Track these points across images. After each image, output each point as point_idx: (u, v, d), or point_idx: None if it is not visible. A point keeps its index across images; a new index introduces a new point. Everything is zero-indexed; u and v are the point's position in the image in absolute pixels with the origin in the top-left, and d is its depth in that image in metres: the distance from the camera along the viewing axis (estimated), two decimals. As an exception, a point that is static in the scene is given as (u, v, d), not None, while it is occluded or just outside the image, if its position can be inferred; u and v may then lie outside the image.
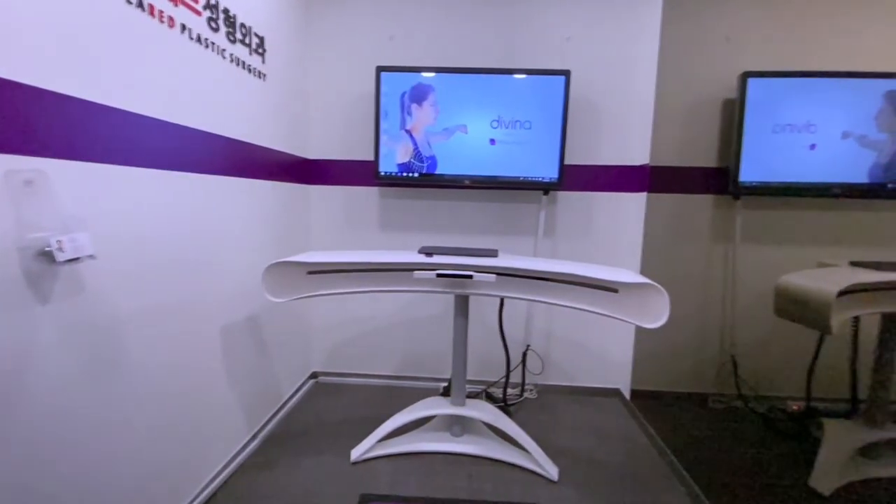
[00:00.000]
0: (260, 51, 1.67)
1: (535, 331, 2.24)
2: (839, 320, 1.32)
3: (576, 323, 2.21)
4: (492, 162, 2.05)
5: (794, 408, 2.05)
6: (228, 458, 1.53)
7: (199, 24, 1.31)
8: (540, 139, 2.02)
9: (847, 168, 1.96)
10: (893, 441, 1.65)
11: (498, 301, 2.05)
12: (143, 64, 1.10)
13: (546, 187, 2.07)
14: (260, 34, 1.66)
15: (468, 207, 2.19)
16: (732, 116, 2.01)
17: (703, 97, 2.07)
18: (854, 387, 1.87)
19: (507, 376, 2.07)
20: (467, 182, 2.06)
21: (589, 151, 2.12)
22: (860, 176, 1.97)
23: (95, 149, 0.97)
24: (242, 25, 1.54)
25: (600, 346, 2.23)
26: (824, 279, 1.36)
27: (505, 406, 2.04)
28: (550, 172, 2.04)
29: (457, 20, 2.09)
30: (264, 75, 1.70)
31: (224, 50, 1.44)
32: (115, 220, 1.03)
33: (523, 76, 1.99)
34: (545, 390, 2.25)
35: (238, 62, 1.52)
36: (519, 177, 2.05)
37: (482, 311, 2.19)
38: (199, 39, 1.31)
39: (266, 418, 1.82)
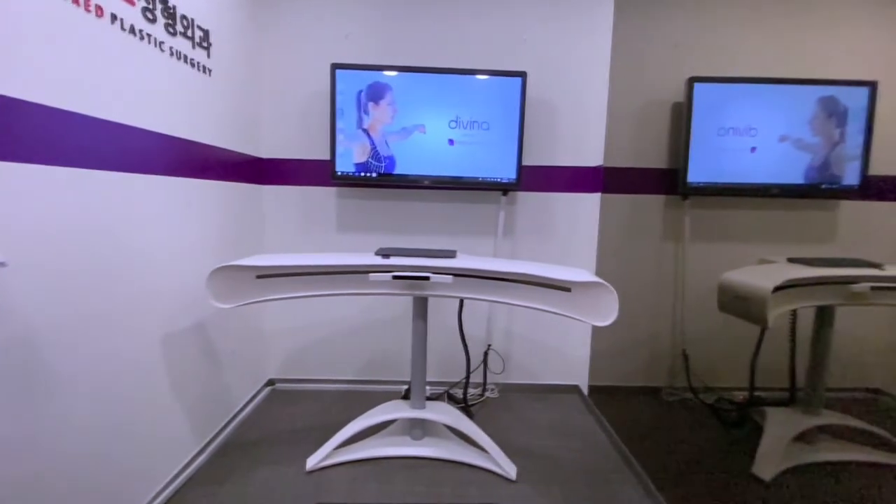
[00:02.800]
0: (204, 45, 1.59)
1: (496, 330, 2.26)
2: (775, 314, 1.39)
3: (536, 322, 2.24)
4: (451, 162, 2.04)
5: (740, 398, 2.15)
6: (174, 473, 1.45)
7: (132, 15, 1.23)
8: (498, 140, 2.03)
9: (785, 169, 2.08)
10: (827, 427, 1.76)
11: (458, 302, 2.05)
12: (65, 55, 1.02)
13: (505, 188, 2.08)
14: (204, 27, 1.58)
15: (428, 208, 2.18)
16: (681, 119, 2.09)
17: (653, 101, 2.14)
18: (793, 376, 1.97)
19: (468, 377, 2.07)
20: (426, 182, 2.05)
21: (545, 152, 2.15)
22: (797, 177, 2.09)
23: (4, 145, 0.89)
24: (184, 17, 1.46)
25: (559, 344, 2.27)
26: (762, 275, 1.43)
27: (466, 407, 2.04)
28: (509, 173, 2.05)
29: (413, 19, 2.07)
30: (210, 70, 1.63)
31: (162, 43, 1.36)
32: (30, 224, 0.95)
33: (481, 77, 2.00)
34: (506, 389, 2.27)
35: (179, 56, 1.44)
36: (478, 177, 2.05)
37: (443, 311, 2.18)
38: (132, 31, 1.23)
39: (217, 429, 1.74)
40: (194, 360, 1.59)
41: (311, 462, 1.58)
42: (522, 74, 1.99)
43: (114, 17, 1.17)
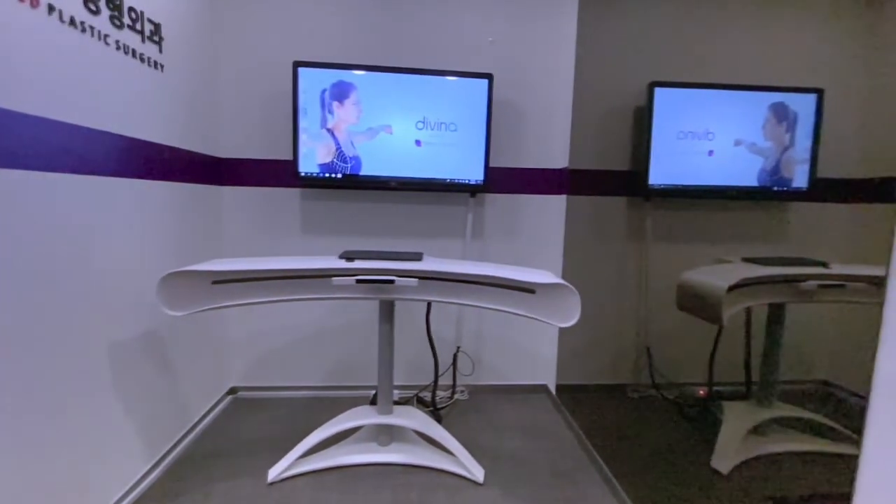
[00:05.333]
0: (155, 39, 1.51)
1: (465, 332, 2.25)
2: (730, 313, 1.44)
3: (504, 322, 2.25)
4: (418, 163, 2.02)
5: (701, 393, 2.22)
6: (122, 491, 1.37)
7: (72, 6, 1.16)
8: (465, 141, 2.03)
9: (739, 172, 2.16)
10: (780, 419, 1.84)
11: (426, 304, 2.03)
12: (-8, 46, 0.95)
13: (472, 189, 2.08)
14: (155, 21, 1.50)
15: (395, 210, 2.15)
16: (643, 123, 2.14)
17: (616, 104, 2.19)
18: (748, 371, 2.05)
19: (436, 380, 2.05)
20: (394, 184, 2.02)
21: (512, 154, 2.16)
22: (750, 180, 2.17)
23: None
24: (132, 10, 1.38)
25: (528, 344, 2.29)
26: (717, 275, 1.48)
27: (435, 410, 2.03)
28: (476, 174, 2.05)
29: (379, 18, 2.04)
30: (162, 66, 1.55)
31: (107, 36, 1.28)
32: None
33: (447, 78, 1.99)
34: (476, 391, 2.26)
35: (127, 50, 1.37)
36: (446, 179, 2.04)
37: (413, 314, 2.16)
38: (72, 23, 1.16)
39: (172, 443, 1.66)
40: (146, 369, 1.51)
41: (273, 473, 1.53)
42: (489, 76, 1.99)
43: (51, 8, 1.09)
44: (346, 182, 2.00)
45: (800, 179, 2.19)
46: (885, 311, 0.69)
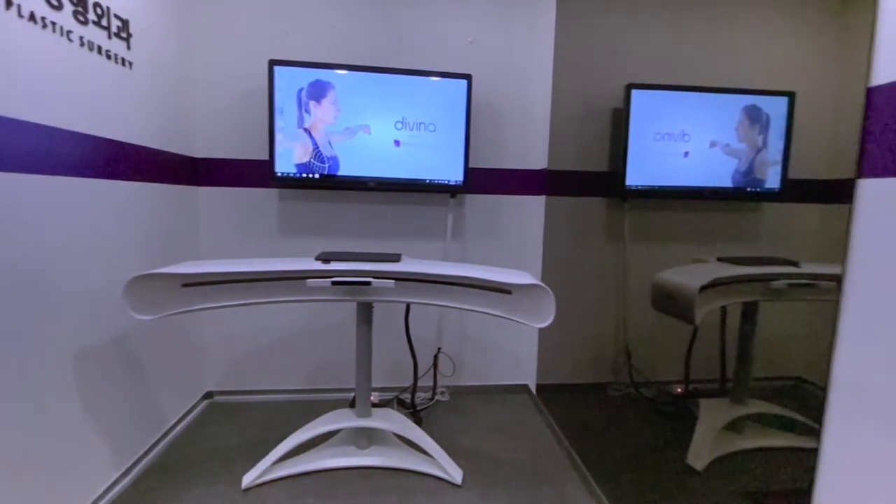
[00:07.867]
0: (123, 35, 1.47)
1: (446, 332, 2.24)
2: (703, 312, 1.46)
3: (485, 323, 2.25)
4: (397, 164, 2.01)
5: (678, 391, 2.25)
6: (89, 501, 1.33)
7: (32, 0, 1.12)
8: (445, 142, 2.03)
9: (714, 174, 2.19)
10: (755, 416, 1.87)
11: (405, 305, 2.02)
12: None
13: (452, 190, 2.07)
14: (123, 17, 1.47)
15: (375, 211, 2.14)
16: (620, 124, 2.16)
17: (594, 106, 2.20)
18: (723, 368, 2.09)
19: (415, 382, 2.04)
20: (372, 184, 2.00)
21: (492, 155, 2.17)
22: (725, 181, 2.21)
23: None
24: (97, 5, 1.35)
25: (509, 344, 2.29)
26: (690, 275, 1.50)
27: (414, 412, 2.01)
28: (456, 175, 2.04)
29: (357, 17, 2.03)
30: (130, 63, 1.51)
31: (70, 32, 1.24)
32: None
33: (426, 78, 1.98)
34: (457, 391, 2.26)
35: (92, 47, 1.33)
36: (425, 179, 2.04)
37: (394, 315, 2.14)
38: (32, 18, 1.12)
39: (144, 449, 1.61)
40: (117, 374, 1.47)
41: (247, 479, 1.50)
42: (468, 77, 1.99)
43: (9, 3, 1.06)
44: (324, 182, 1.98)
45: (772, 180, 2.24)
46: (842, 310, 0.71)
